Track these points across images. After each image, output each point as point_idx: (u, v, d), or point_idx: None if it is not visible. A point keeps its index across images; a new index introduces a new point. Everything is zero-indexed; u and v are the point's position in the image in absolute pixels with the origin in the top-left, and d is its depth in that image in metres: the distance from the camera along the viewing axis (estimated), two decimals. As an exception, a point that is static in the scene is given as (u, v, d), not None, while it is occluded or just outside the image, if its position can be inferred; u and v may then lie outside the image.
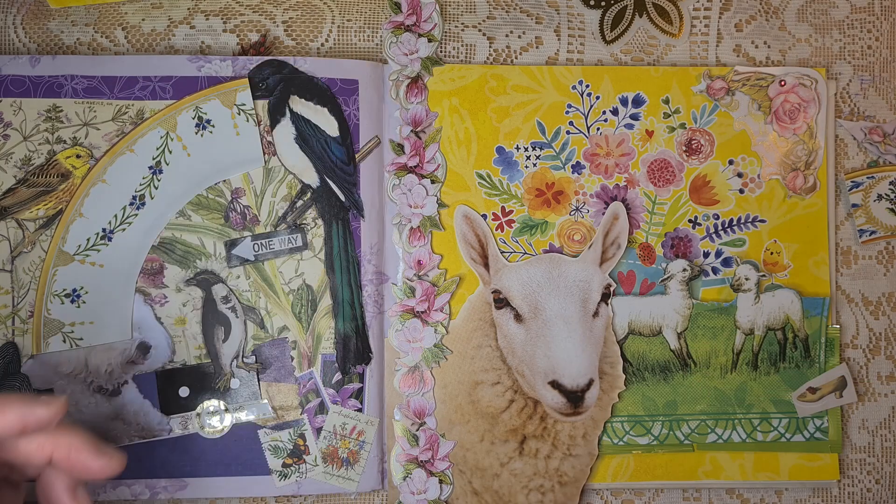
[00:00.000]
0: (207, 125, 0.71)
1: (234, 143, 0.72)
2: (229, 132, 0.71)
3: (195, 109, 0.71)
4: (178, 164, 0.71)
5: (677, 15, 0.77)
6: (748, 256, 0.75)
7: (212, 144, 0.71)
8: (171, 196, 0.71)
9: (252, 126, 0.72)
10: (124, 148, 0.70)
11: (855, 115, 0.77)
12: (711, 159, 0.75)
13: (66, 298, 0.70)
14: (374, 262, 0.73)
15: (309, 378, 0.72)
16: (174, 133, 0.71)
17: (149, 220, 0.71)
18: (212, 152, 0.71)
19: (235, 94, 0.71)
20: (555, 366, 0.71)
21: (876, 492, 0.76)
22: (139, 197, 0.70)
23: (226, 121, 0.71)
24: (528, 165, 0.75)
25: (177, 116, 0.71)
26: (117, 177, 0.70)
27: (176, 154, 0.71)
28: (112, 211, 0.70)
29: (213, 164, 0.71)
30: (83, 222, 0.70)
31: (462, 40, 0.76)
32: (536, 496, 0.72)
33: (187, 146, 0.71)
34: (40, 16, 0.74)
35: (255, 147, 0.72)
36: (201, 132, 0.71)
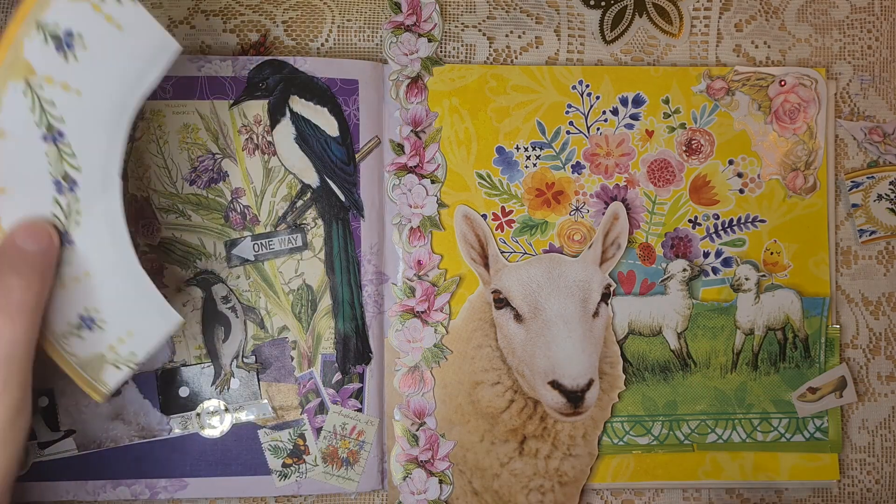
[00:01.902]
0: (71, 40, 0.49)
1: (122, 42, 0.51)
2: (107, 32, 0.50)
3: (38, 28, 0.48)
4: (74, 114, 0.50)
5: (677, 15, 0.77)
6: (748, 256, 0.75)
7: (96, 62, 0.50)
8: (98, 153, 0.52)
9: (130, 5, 0.50)
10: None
11: (855, 115, 0.77)
12: (711, 159, 0.75)
13: (79, 330, 0.55)
14: (374, 262, 0.73)
15: (309, 378, 0.72)
16: (36, 77, 0.49)
17: (95, 196, 0.53)
18: (104, 72, 0.51)
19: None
20: (555, 366, 0.71)
21: (876, 492, 0.76)
22: (64, 178, 0.52)
23: (91, 19, 0.50)
24: (528, 165, 0.75)
25: (21, 54, 0.48)
26: (11, 175, 0.51)
27: (62, 103, 0.50)
28: (43, 215, 0.52)
29: (118, 85, 0.52)
30: None
31: (462, 40, 0.76)
32: (536, 496, 0.72)
33: (68, 83, 0.50)
34: (40, 16, 0.74)
35: (152, 29, 0.51)
36: (70, 55, 0.49)
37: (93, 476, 0.70)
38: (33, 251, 0.50)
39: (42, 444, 0.70)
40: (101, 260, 0.54)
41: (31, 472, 0.70)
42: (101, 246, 0.53)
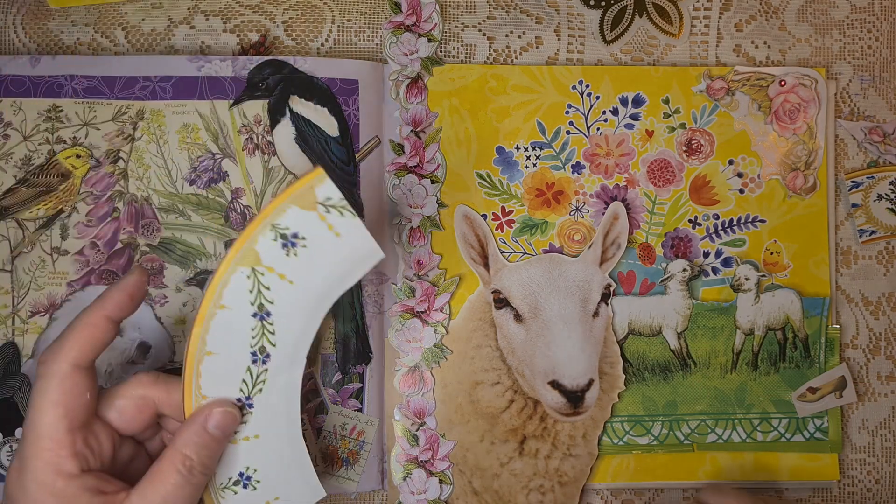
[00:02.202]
0: (296, 241, 0.58)
1: (337, 246, 0.59)
2: (326, 237, 0.58)
3: (272, 229, 0.58)
4: (283, 299, 0.59)
5: (677, 15, 0.77)
6: (748, 256, 0.75)
7: (312, 260, 0.59)
8: (294, 334, 0.60)
9: (349, 218, 0.58)
10: (212, 308, 0.58)
11: (855, 115, 0.77)
12: (711, 159, 0.75)
13: (236, 486, 0.61)
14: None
15: (309, 378, 0.72)
16: (261, 266, 0.58)
17: (282, 370, 0.60)
18: (316, 269, 0.59)
19: (313, 191, 0.57)
20: (555, 366, 0.71)
21: (876, 492, 0.76)
22: (260, 350, 0.59)
23: (315, 226, 0.58)
24: (528, 165, 0.75)
25: (254, 246, 0.58)
26: (221, 341, 0.59)
27: (275, 288, 0.58)
28: (235, 381, 0.59)
29: (325, 281, 0.59)
30: None
31: (462, 40, 0.76)
32: (536, 496, 0.72)
33: (284, 274, 0.58)
34: (40, 16, 0.74)
35: (365, 240, 0.59)
36: (292, 252, 0.58)
37: (93, 476, 0.70)
38: (219, 437, 0.58)
39: (42, 444, 0.70)
40: (273, 426, 0.61)
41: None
42: (276, 414, 0.60)
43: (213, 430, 0.58)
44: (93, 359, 0.56)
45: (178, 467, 0.56)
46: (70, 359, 0.55)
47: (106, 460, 0.57)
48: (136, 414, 0.58)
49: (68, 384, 0.55)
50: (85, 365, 0.56)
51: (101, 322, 0.56)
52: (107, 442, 0.57)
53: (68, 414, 0.54)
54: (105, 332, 0.57)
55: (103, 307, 0.57)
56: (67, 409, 0.54)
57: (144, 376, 0.59)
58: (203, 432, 0.57)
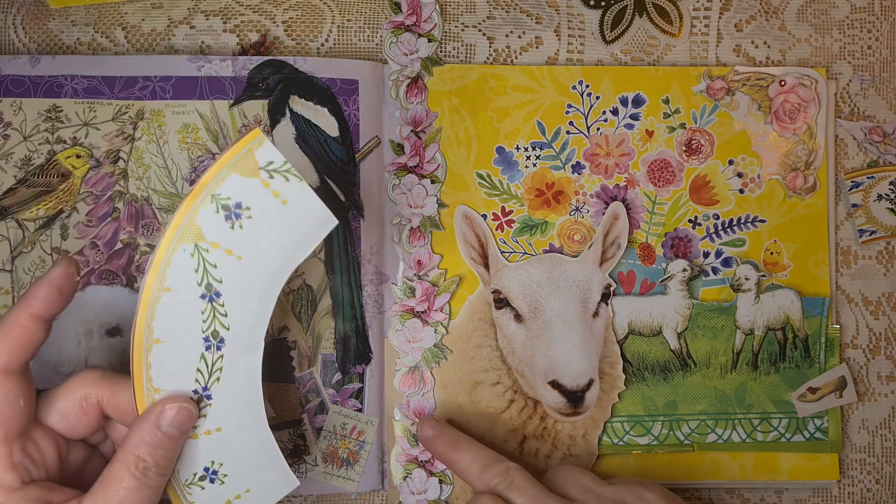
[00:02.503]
0: (240, 211, 0.54)
1: (285, 215, 0.55)
2: (272, 205, 0.55)
3: (212, 200, 0.54)
4: (232, 276, 0.55)
5: (677, 15, 0.77)
6: (748, 256, 0.75)
7: (259, 231, 0.55)
8: (248, 315, 0.56)
9: (296, 183, 0.54)
10: (156, 291, 0.54)
11: (855, 115, 0.77)
12: (711, 159, 0.75)
13: (202, 482, 0.58)
14: (374, 262, 0.73)
15: (309, 378, 0.72)
16: (204, 242, 0.54)
17: (239, 355, 0.57)
18: (265, 241, 0.55)
19: (253, 155, 0.54)
20: (555, 366, 0.71)
21: (876, 492, 0.76)
22: (213, 335, 0.55)
23: (260, 194, 0.54)
24: (528, 165, 0.75)
25: (195, 220, 0.54)
26: (169, 327, 0.55)
27: (223, 266, 0.54)
28: (190, 371, 0.56)
29: (276, 253, 0.56)
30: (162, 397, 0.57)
31: (462, 40, 0.76)
32: (536, 496, 0.72)
33: (231, 249, 0.54)
34: (40, 16, 0.74)
35: (315, 206, 0.55)
36: (237, 223, 0.54)
37: (93, 476, 0.70)
38: (174, 435, 0.54)
39: (42, 444, 0.70)
40: (234, 417, 0.57)
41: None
42: (237, 403, 0.56)
43: (168, 429, 0.54)
44: (24, 361, 0.53)
45: (131, 470, 0.53)
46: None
47: (52, 468, 0.54)
48: (81, 416, 0.55)
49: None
50: (16, 369, 0.53)
51: (28, 322, 0.53)
52: (50, 448, 0.55)
53: (1, 424, 0.52)
54: (35, 332, 0.53)
55: (29, 305, 0.54)
56: (0, 420, 0.52)
57: (87, 374, 0.56)
58: (156, 431, 0.53)
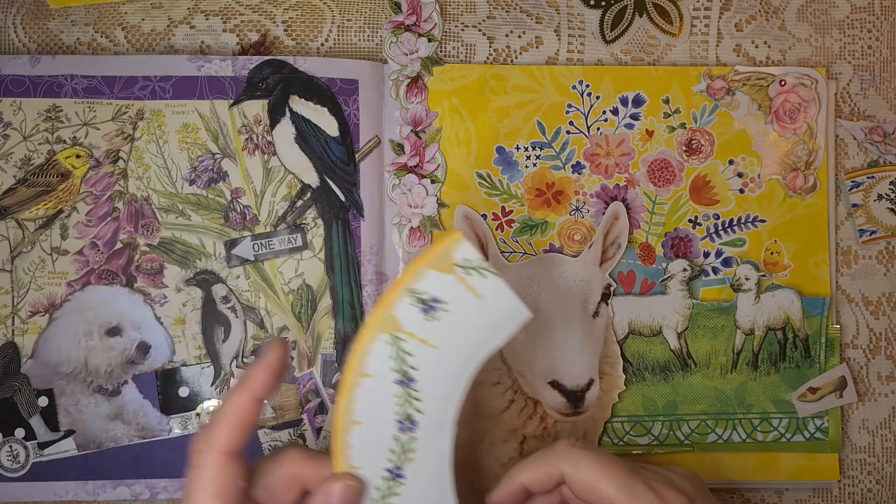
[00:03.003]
0: (436, 304, 0.57)
1: (480, 307, 0.57)
2: (467, 299, 0.57)
3: (410, 294, 0.56)
4: (427, 364, 0.57)
5: (677, 15, 0.77)
6: (748, 256, 0.75)
7: (454, 323, 0.57)
8: (440, 399, 0.58)
9: (491, 278, 0.56)
10: (355, 377, 0.56)
11: (855, 114, 0.77)
12: (711, 159, 0.75)
13: None
14: (374, 262, 0.73)
15: (309, 378, 0.72)
16: (401, 332, 0.57)
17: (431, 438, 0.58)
18: (459, 332, 0.57)
19: (450, 254, 0.56)
20: (555, 366, 0.71)
21: (876, 492, 0.76)
22: (406, 418, 0.58)
23: (455, 289, 0.57)
24: (528, 165, 0.75)
25: (393, 313, 0.56)
26: (366, 410, 0.57)
27: (419, 354, 0.57)
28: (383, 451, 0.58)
29: (469, 343, 0.58)
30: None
31: (462, 40, 0.76)
32: (536, 496, 0.72)
33: (427, 339, 0.57)
34: (40, 16, 0.74)
35: (508, 299, 0.57)
36: (433, 316, 0.57)
37: (93, 476, 0.70)
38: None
39: (42, 444, 0.70)
40: (425, 496, 0.59)
41: (31, 472, 0.70)
42: (428, 482, 0.59)
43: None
44: (244, 442, 0.55)
45: None
46: (223, 447, 0.53)
47: None
48: (286, 493, 0.57)
49: (224, 475, 0.53)
50: (237, 450, 0.54)
51: (249, 404, 0.55)
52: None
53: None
54: (253, 414, 0.55)
55: (250, 389, 0.55)
56: (225, 501, 0.53)
57: (292, 452, 0.57)
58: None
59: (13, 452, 0.70)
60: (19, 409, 0.70)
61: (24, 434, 0.70)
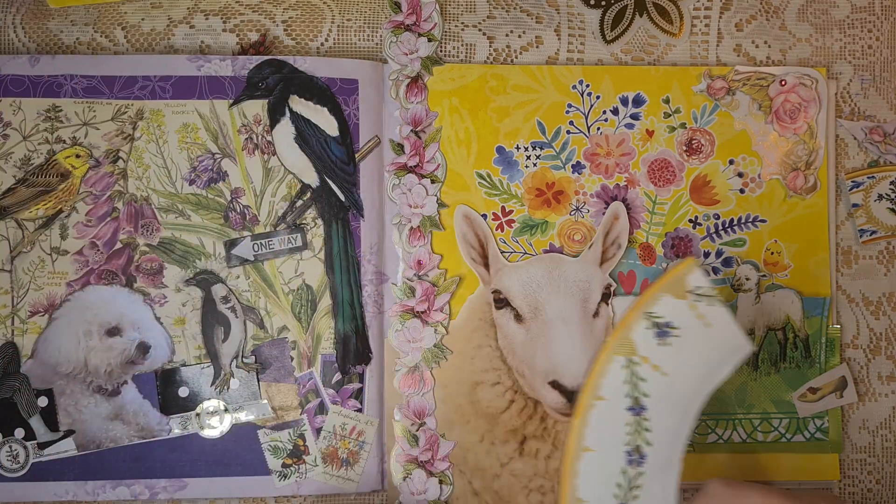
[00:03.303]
0: (669, 329, 0.59)
1: (706, 337, 0.59)
2: (695, 327, 0.59)
3: (646, 317, 0.59)
4: (658, 392, 0.59)
5: (677, 14, 0.77)
6: (748, 256, 0.75)
7: (684, 351, 0.59)
8: (668, 433, 0.59)
9: (718, 307, 0.59)
10: (590, 399, 0.58)
11: (855, 114, 0.77)
12: (712, 159, 0.75)
13: None
14: (374, 262, 0.73)
15: (309, 378, 0.72)
16: (636, 356, 0.59)
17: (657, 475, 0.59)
18: (688, 360, 0.59)
19: (684, 280, 0.59)
20: (555, 366, 0.70)
21: (876, 492, 0.76)
22: (635, 450, 0.59)
23: (686, 315, 0.59)
24: (529, 165, 0.74)
25: (630, 335, 0.59)
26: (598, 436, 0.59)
27: (651, 380, 0.59)
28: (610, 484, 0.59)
29: (696, 373, 0.60)
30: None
31: (462, 40, 0.76)
32: (537, 497, 0.72)
33: (658, 365, 0.59)
34: (40, 15, 0.74)
35: (732, 331, 0.60)
36: (665, 341, 0.59)
37: (92, 476, 0.70)
38: None
39: (42, 444, 0.70)
40: None
41: (31, 472, 0.70)
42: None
43: None
44: None
45: None
46: None
47: None
48: None
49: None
50: None
51: None
52: None
53: None
54: None
55: None
56: None
57: None
58: None
59: (13, 452, 0.70)
60: (19, 409, 0.70)
61: (24, 434, 0.70)
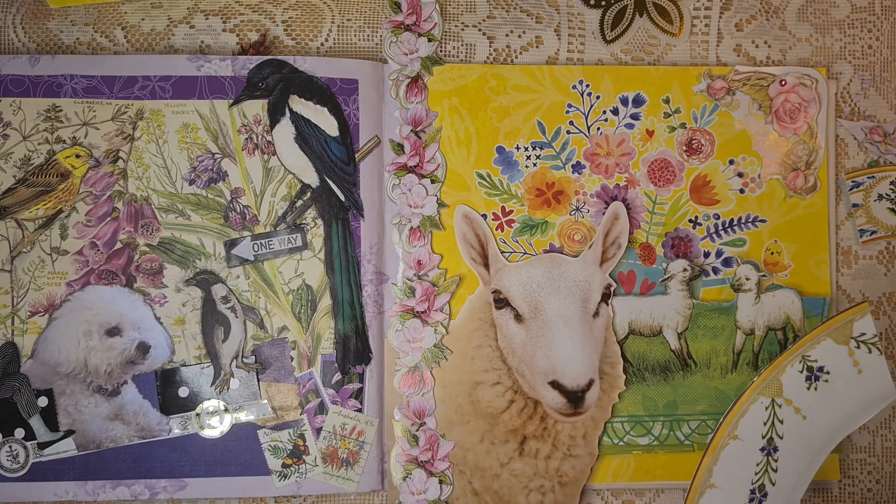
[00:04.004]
0: (820, 374, 0.60)
1: (856, 383, 0.60)
2: (848, 373, 0.60)
3: (801, 360, 0.60)
4: (792, 434, 0.60)
5: (677, 14, 0.77)
6: (749, 256, 0.75)
7: (829, 395, 0.60)
8: (795, 474, 0.60)
9: (876, 356, 0.60)
10: (726, 437, 0.60)
11: (855, 114, 0.77)
12: (712, 159, 0.75)
13: None
14: (374, 262, 0.73)
15: (309, 378, 0.72)
16: (780, 398, 0.60)
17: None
18: (831, 405, 0.60)
19: (851, 325, 0.60)
20: (555, 366, 0.70)
21: (876, 492, 0.76)
22: (758, 489, 0.60)
23: (843, 361, 0.60)
24: (529, 165, 0.74)
25: (780, 376, 0.60)
26: (726, 474, 0.60)
27: (788, 422, 0.60)
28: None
29: (836, 418, 0.60)
30: None
31: (462, 40, 0.76)
32: (537, 496, 0.72)
33: (799, 408, 0.60)
34: (40, 15, 0.74)
35: (884, 379, 0.60)
36: (813, 385, 0.60)
37: (92, 476, 0.70)
38: None
39: (42, 444, 0.70)
40: None
41: (31, 472, 0.70)
42: None
43: None
44: None
45: None
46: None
47: None
48: None
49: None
50: None
51: None
52: None
53: None
54: None
55: None
56: None
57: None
58: None
59: (13, 452, 0.70)
60: (19, 409, 0.70)
61: (24, 434, 0.70)
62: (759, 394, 0.58)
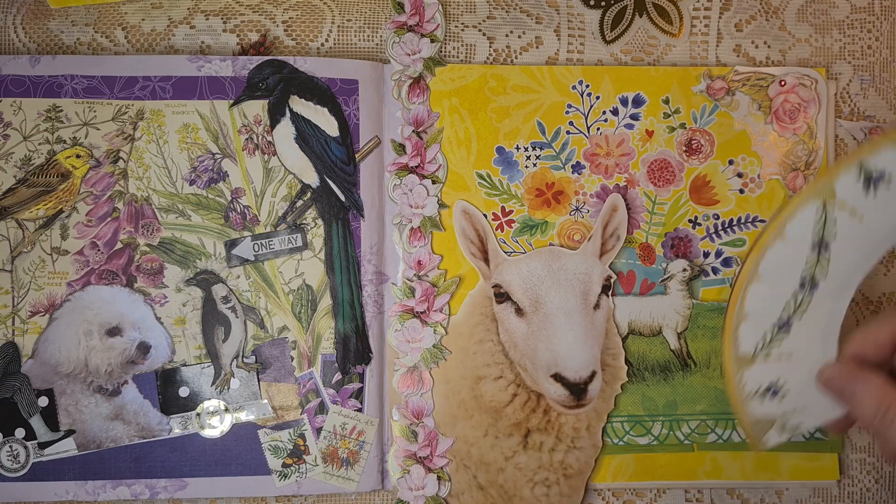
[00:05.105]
0: (880, 181, 0.60)
1: None
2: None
3: (858, 167, 0.60)
4: (846, 235, 0.61)
5: (677, 15, 0.77)
6: (748, 256, 0.75)
7: (889, 200, 0.60)
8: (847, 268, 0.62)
9: None
10: (772, 238, 0.61)
11: (855, 115, 0.77)
12: (711, 159, 0.75)
13: (764, 396, 0.65)
14: (374, 262, 0.73)
15: (309, 378, 0.72)
16: (833, 201, 0.60)
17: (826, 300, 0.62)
18: (890, 210, 0.61)
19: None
20: (557, 358, 0.70)
21: (876, 492, 0.76)
22: (810, 279, 0.62)
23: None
24: (528, 165, 0.75)
25: (833, 183, 0.60)
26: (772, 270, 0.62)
27: (842, 224, 0.61)
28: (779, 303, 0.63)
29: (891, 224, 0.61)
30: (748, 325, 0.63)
31: (462, 40, 0.76)
32: (542, 489, 0.72)
33: (856, 210, 0.60)
34: (40, 16, 0.74)
35: None
36: (872, 191, 0.60)
37: (93, 476, 0.70)
38: None
39: (42, 444, 0.70)
40: (806, 349, 0.63)
41: (32, 472, 0.70)
42: (812, 338, 0.63)
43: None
44: None
45: None
46: None
47: None
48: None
49: None
50: None
51: None
52: None
53: None
54: None
55: None
56: None
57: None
58: None
59: (13, 452, 0.70)
60: (20, 409, 0.70)
61: (25, 434, 0.70)
62: (810, 198, 0.60)
